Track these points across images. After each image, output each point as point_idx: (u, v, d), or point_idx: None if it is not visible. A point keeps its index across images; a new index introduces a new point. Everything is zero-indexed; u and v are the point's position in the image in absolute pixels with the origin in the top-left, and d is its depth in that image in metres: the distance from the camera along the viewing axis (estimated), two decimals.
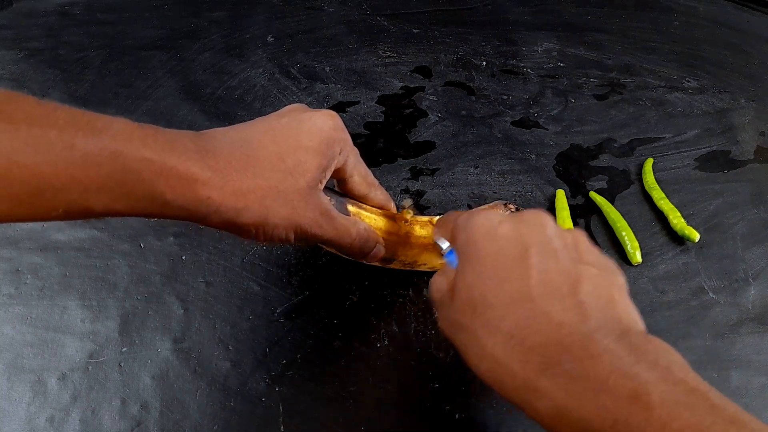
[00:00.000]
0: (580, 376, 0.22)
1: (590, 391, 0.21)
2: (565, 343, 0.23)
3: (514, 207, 0.44)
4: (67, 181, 0.24)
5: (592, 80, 0.64)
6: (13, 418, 0.35)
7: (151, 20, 0.70)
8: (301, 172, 0.31)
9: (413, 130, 0.57)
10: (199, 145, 0.28)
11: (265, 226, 0.30)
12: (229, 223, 0.29)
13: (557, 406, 0.22)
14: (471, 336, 0.25)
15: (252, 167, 0.29)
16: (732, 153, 0.56)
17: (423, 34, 0.70)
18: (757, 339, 0.41)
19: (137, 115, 0.56)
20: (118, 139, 0.25)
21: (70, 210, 0.25)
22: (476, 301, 0.25)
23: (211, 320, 0.40)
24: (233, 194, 0.28)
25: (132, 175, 0.25)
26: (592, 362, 0.22)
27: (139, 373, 0.37)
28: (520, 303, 0.24)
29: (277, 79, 0.62)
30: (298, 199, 0.31)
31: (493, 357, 0.24)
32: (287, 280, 0.43)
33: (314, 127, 0.32)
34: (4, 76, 0.60)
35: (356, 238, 0.34)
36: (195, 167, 0.27)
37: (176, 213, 0.27)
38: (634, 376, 0.21)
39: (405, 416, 0.36)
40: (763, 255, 0.46)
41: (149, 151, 0.26)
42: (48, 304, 0.41)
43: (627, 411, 0.20)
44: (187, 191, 0.27)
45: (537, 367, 0.23)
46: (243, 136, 0.30)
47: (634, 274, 0.45)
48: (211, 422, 0.35)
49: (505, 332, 0.24)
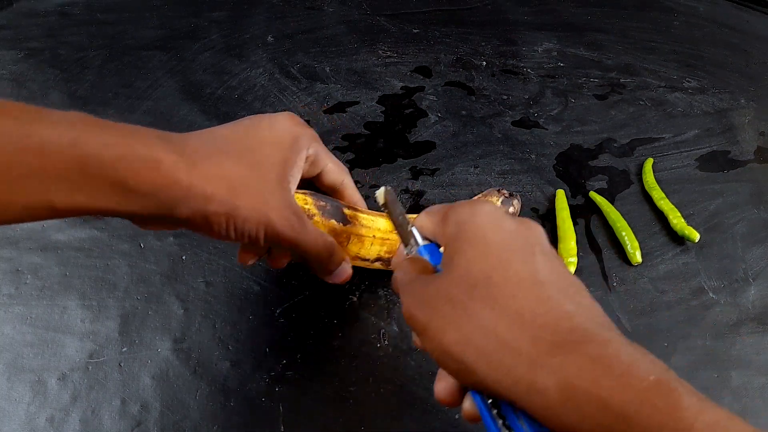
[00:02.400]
0: (600, 357, 0.21)
1: (611, 373, 0.20)
2: (579, 328, 0.22)
3: (507, 193, 0.45)
4: (24, 168, 0.23)
5: (592, 80, 0.64)
6: (13, 418, 0.35)
7: (151, 20, 0.70)
8: (269, 166, 0.31)
9: (413, 130, 0.57)
10: (162, 136, 0.27)
11: (236, 217, 0.28)
12: (198, 213, 0.27)
13: (569, 382, 0.20)
14: (462, 311, 0.23)
15: (218, 156, 0.28)
16: (732, 153, 0.56)
17: (423, 34, 0.70)
18: (757, 339, 0.41)
19: (137, 115, 0.56)
20: (77, 127, 0.24)
21: (30, 205, 0.24)
22: (477, 277, 0.24)
23: (211, 320, 0.40)
24: (201, 179, 0.27)
25: (92, 161, 0.24)
26: (611, 348, 0.21)
27: (139, 373, 0.37)
28: (530, 286, 0.23)
29: (277, 79, 0.62)
30: (267, 192, 0.30)
31: (494, 333, 0.22)
32: (287, 280, 0.43)
33: (277, 125, 0.33)
34: (4, 76, 0.60)
35: (323, 250, 0.33)
36: (160, 151, 0.26)
37: (142, 203, 0.26)
38: (654, 365, 0.20)
39: (405, 416, 0.36)
40: (763, 255, 0.46)
41: (109, 136, 0.25)
42: (48, 304, 0.41)
43: (654, 394, 0.19)
44: (153, 174, 0.25)
45: (548, 346, 0.21)
46: (209, 134, 0.30)
47: (634, 274, 0.45)
48: (211, 422, 0.35)
49: (513, 310, 0.23)
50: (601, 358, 0.21)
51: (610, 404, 0.19)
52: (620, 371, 0.20)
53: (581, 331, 0.22)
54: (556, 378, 0.20)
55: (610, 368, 0.20)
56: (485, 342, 0.22)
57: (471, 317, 0.23)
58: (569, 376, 0.20)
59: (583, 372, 0.20)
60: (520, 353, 0.22)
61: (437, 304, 0.24)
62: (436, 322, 0.24)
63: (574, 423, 0.20)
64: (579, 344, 0.21)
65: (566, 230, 0.46)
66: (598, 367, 0.20)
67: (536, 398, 0.21)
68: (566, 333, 0.22)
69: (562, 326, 0.22)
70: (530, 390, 0.21)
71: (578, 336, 0.22)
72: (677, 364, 0.39)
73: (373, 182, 0.51)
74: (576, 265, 0.44)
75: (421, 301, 0.25)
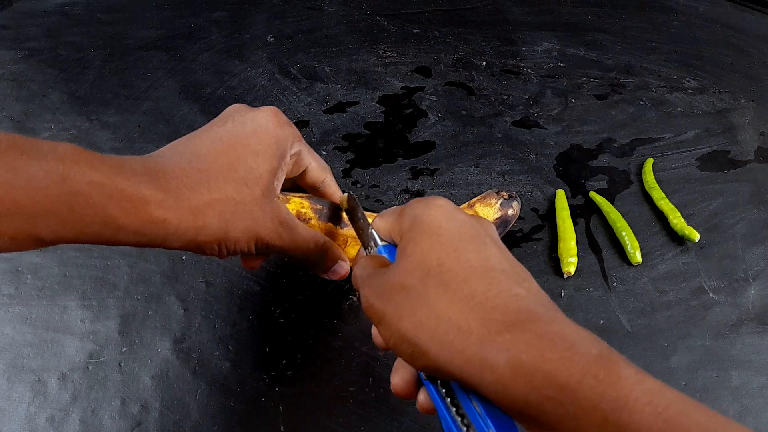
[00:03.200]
0: (546, 333, 0.22)
1: (557, 347, 0.21)
2: (527, 309, 0.23)
3: (507, 194, 0.45)
4: (10, 205, 0.23)
5: (592, 80, 0.64)
6: (13, 418, 0.35)
7: (151, 20, 0.70)
8: (255, 180, 0.30)
9: (413, 130, 0.57)
10: (148, 167, 0.27)
11: (227, 241, 0.29)
12: (190, 243, 0.28)
13: (518, 358, 0.21)
14: (416, 297, 0.24)
15: (205, 182, 0.28)
16: (732, 153, 0.56)
17: (423, 34, 0.70)
18: (757, 339, 0.41)
19: (137, 115, 0.56)
20: (65, 162, 0.24)
21: (17, 237, 0.24)
22: (430, 264, 0.25)
23: (211, 320, 0.40)
24: (190, 213, 0.27)
25: (81, 199, 0.24)
26: (556, 326, 0.22)
27: (139, 373, 0.37)
28: (482, 272, 0.24)
29: (277, 79, 0.62)
30: (256, 210, 0.30)
31: (446, 316, 0.23)
32: (287, 280, 0.43)
33: (260, 128, 0.32)
34: (4, 76, 0.60)
35: (314, 250, 0.34)
36: (146, 189, 0.26)
37: (132, 239, 0.26)
38: (597, 343, 0.22)
39: (405, 416, 0.36)
40: (763, 255, 0.46)
41: (98, 173, 0.25)
42: (48, 304, 0.41)
43: (596, 366, 0.20)
44: (141, 213, 0.26)
45: (498, 326, 0.22)
46: (191, 149, 0.30)
47: (634, 274, 0.45)
48: (211, 422, 0.35)
49: (465, 294, 0.24)
50: (547, 335, 0.22)
51: (555, 376, 0.20)
52: (564, 346, 0.21)
53: (529, 312, 0.23)
54: (506, 355, 0.21)
55: (555, 344, 0.21)
56: (437, 324, 0.23)
57: (425, 302, 0.24)
58: (518, 351, 0.21)
59: (530, 348, 0.21)
60: (471, 333, 0.23)
61: (393, 293, 0.25)
62: (392, 309, 0.25)
63: (523, 396, 0.21)
64: (527, 323, 0.22)
65: (566, 230, 0.46)
66: (544, 342, 0.21)
67: (488, 375, 0.21)
68: (515, 313, 0.23)
69: (511, 307, 0.23)
70: (482, 367, 0.22)
71: (526, 316, 0.23)
72: (677, 364, 0.39)
73: (373, 182, 0.51)
74: (576, 265, 0.44)
75: (378, 291, 0.26)
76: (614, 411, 0.19)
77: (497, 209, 0.44)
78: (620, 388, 0.20)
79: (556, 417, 0.20)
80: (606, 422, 0.19)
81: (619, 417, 0.19)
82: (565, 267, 0.43)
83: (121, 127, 0.55)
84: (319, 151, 0.53)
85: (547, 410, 0.20)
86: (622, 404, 0.19)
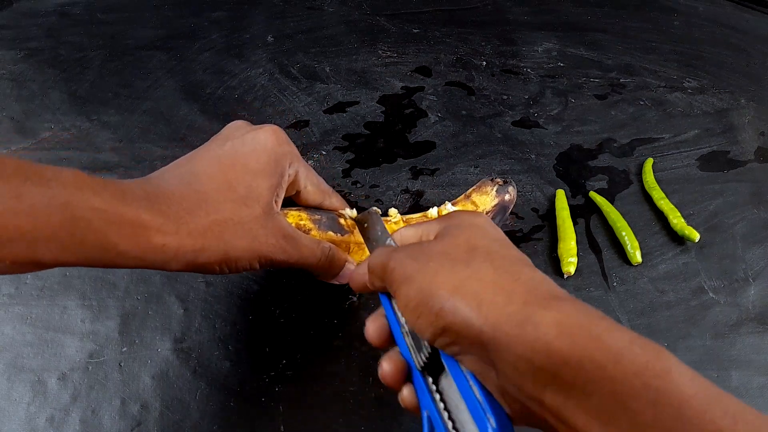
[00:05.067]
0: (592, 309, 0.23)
1: (605, 319, 0.22)
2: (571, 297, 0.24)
3: (501, 180, 0.45)
4: (13, 232, 0.23)
5: (592, 80, 0.64)
6: (13, 418, 0.35)
7: (151, 20, 0.70)
8: (255, 198, 0.30)
9: (413, 130, 0.57)
10: (148, 192, 0.27)
11: (228, 261, 0.29)
12: (190, 265, 0.28)
13: (566, 318, 0.22)
14: (459, 262, 0.25)
15: (204, 204, 0.29)
16: (732, 153, 0.56)
17: (423, 34, 0.70)
18: (757, 339, 0.41)
19: (137, 115, 0.56)
20: (68, 188, 0.24)
21: (18, 262, 0.24)
22: (477, 245, 0.26)
23: (211, 320, 0.40)
24: (189, 236, 0.28)
25: (82, 225, 0.24)
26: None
27: (139, 373, 0.37)
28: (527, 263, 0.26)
29: (277, 79, 0.62)
30: (257, 228, 0.30)
31: (490, 280, 0.24)
32: (287, 280, 0.43)
33: (259, 147, 0.32)
34: (4, 76, 0.60)
35: (321, 259, 0.34)
36: (146, 214, 0.26)
37: (131, 263, 0.27)
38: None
39: (405, 416, 0.36)
40: (763, 255, 0.46)
41: (99, 200, 0.25)
42: (48, 304, 0.41)
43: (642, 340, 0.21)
44: (141, 239, 0.26)
45: (545, 295, 0.23)
46: (190, 170, 0.30)
47: (634, 274, 0.45)
48: (211, 422, 0.35)
49: (511, 271, 0.25)
50: (594, 310, 0.23)
51: (602, 338, 0.21)
52: (612, 321, 0.22)
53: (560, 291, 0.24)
54: (553, 313, 0.22)
55: (603, 317, 0.22)
56: (480, 285, 0.24)
57: (467, 267, 0.25)
58: (566, 313, 0.22)
59: (579, 313, 0.22)
60: (515, 294, 0.23)
61: (432, 256, 0.26)
62: (427, 269, 0.25)
63: (565, 354, 0.21)
64: (573, 300, 0.23)
65: (566, 230, 0.46)
66: (593, 312, 0.22)
67: (530, 330, 0.22)
68: (560, 293, 0.24)
69: (556, 290, 0.24)
70: (524, 323, 0.22)
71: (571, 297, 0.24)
72: None
73: (373, 182, 0.51)
74: (576, 265, 0.44)
75: (414, 253, 0.26)
76: (657, 378, 0.19)
77: (494, 196, 0.44)
78: (665, 360, 0.20)
79: (593, 377, 0.20)
80: (647, 388, 0.19)
81: (662, 384, 0.19)
82: (565, 267, 0.43)
83: (121, 127, 0.55)
84: (319, 151, 0.53)
85: (586, 369, 0.20)
86: (665, 373, 0.20)
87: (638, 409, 0.19)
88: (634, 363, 0.20)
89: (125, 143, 0.53)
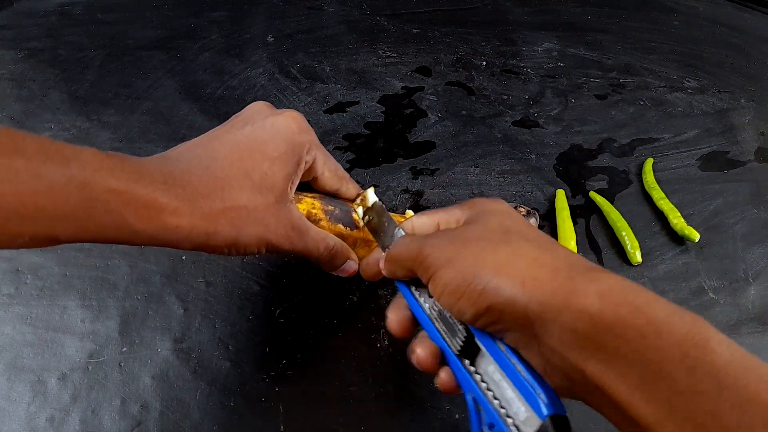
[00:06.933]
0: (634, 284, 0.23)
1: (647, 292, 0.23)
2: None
3: (525, 210, 0.43)
4: (33, 210, 0.24)
5: (592, 80, 0.64)
6: (13, 418, 0.35)
7: (151, 20, 0.70)
8: (270, 187, 0.31)
9: (413, 130, 0.57)
10: (165, 173, 0.28)
11: (237, 245, 0.30)
12: (200, 246, 0.29)
13: (609, 289, 0.23)
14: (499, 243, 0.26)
15: (220, 190, 0.29)
16: (732, 153, 0.56)
17: (423, 34, 0.70)
18: (757, 339, 0.41)
19: (137, 115, 0.56)
20: (87, 169, 0.25)
21: (36, 237, 0.25)
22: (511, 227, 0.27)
23: (211, 320, 0.40)
24: (203, 220, 0.28)
25: (100, 205, 0.25)
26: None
27: (139, 373, 0.37)
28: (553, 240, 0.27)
29: (277, 79, 0.62)
30: (269, 217, 0.31)
31: (532, 257, 0.25)
32: (287, 280, 0.43)
33: (278, 134, 0.32)
34: (4, 76, 0.60)
35: (324, 252, 0.34)
36: (163, 197, 0.27)
37: (146, 242, 0.27)
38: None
39: (405, 416, 0.36)
40: (763, 255, 0.46)
41: (117, 181, 0.25)
42: (48, 304, 0.41)
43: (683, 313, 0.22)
44: (156, 220, 0.27)
45: (586, 270, 0.24)
46: (209, 153, 0.30)
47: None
48: (211, 422, 0.35)
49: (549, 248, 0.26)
50: (633, 283, 0.23)
51: (644, 310, 0.22)
52: (654, 294, 0.23)
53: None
54: (597, 285, 0.23)
55: (645, 290, 0.23)
56: (523, 263, 0.25)
57: (508, 245, 0.26)
58: (609, 285, 0.23)
59: (620, 285, 0.23)
60: (558, 270, 0.24)
61: (470, 240, 0.27)
62: (468, 251, 0.26)
63: (608, 323, 0.22)
64: (612, 273, 0.24)
65: (566, 230, 0.46)
66: (633, 285, 0.23)
67: (574, 301, 0.23)
68: (599, 267, 0.25)
69: (593, 265, 0.25)
70: (569, 295, 0.23)
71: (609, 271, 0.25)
72: None
73: (373, 182, 0.51)
74: None
75: (451, 237, 0.27)
76: (697, 348, 0.20)
77: None
78: (704, 330, 0.21)
79: (635, 347, 0.21)
80: (686, 357, 0.20)
81: (701, 354, 0.20)
82: None
83: (121, 127, 0.55)
84: None
85: (629, 339, 0.21)
86: (704, 342, 0.21)
87: (678, 378, 0.20)
88: (674, 334, 0.21)
89: (125, 143, 0.53)
